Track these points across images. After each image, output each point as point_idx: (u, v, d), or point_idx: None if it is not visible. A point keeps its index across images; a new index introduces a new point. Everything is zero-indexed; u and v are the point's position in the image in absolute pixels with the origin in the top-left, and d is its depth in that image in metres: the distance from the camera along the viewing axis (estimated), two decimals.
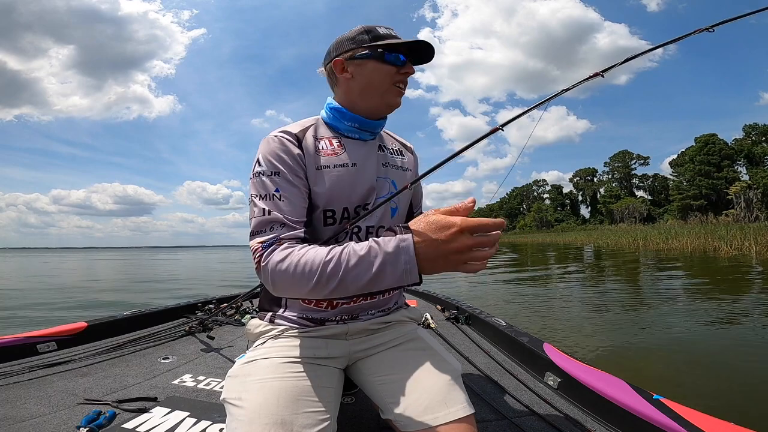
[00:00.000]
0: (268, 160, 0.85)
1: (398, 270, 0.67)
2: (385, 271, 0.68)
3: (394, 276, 0.68)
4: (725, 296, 5.29)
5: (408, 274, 0.67)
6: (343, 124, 0.95)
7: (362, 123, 0.95)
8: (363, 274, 0.69)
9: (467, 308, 2.23)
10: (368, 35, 0.90)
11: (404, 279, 0.68)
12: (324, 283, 0.71)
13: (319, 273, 0.71)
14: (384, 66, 0.89)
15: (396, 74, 0.91)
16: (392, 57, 0.89)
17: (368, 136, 0.97)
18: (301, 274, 0.72)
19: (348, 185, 0.90)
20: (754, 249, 12.67)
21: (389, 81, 0.91)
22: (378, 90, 0.91)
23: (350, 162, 0.92)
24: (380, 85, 0.91)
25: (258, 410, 0.73)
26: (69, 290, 9.11)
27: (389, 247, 0.68)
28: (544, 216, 76.30)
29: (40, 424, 1.05)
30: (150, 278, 12.20)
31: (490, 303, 5.65)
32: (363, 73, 0.90)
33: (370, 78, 0.90)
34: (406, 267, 0.67)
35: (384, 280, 0.68)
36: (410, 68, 0.92)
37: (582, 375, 1.19)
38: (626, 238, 23.35)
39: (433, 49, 0.91)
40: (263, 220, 0.81)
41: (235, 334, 2.07)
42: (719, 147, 53.64)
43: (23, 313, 5.70)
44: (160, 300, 6.33)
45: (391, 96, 0.93)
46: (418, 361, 0.91)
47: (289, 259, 0.74)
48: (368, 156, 0.95)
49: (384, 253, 0.68)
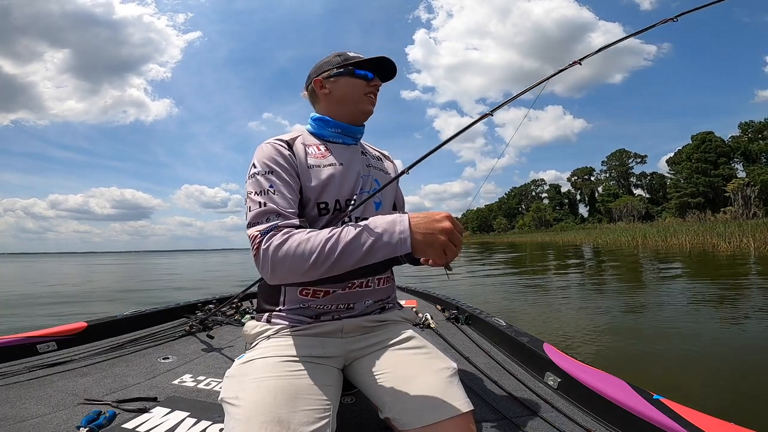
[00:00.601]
0: (263, 162, 0.95)
1: (394, 238, 0.76)
2: (381, 239, 0.76)
3: (390, 245, 0.76)
4: (725, 294, 5.31)
5: (402, 243, 0.76)
6: (327, 131, 1.08)
7: (344, 128, 1.08)
8: (360, 246, 0.77)
9: (467, 308, 2.23)
10: (340, 58, 1.06)
11: (398, 248, 0.76)
12: (323, 260, 0.77)
13: (319, 249, 0.77)
14: (355, 80, 1.05)
15: (366, 86, 1.06)
16: (361, 73, 1.05)
17: (350, 140, 1.10)
18: (301, 253, 0.78)
19: (337, 180, 1.00)
20: (752, 246, 12.73)
21: (360, 92, 1.06)
22: (352, 100, 1.06)
23: (337, 162, 1.03)
24: (353, 95, 1.06)
25: (255, 408, 0.74)
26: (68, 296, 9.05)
27: (387, 219, 0.79)
28: (542, 215, 76.43)
29: (40, 424, 1.05)
30: (150, 285, 12.11)
31: (490, 301, 5.67)
32: (338, 87, 1.06)
33: (344, 91, 1.05)
34: (401, 236, 0.76)
35: (380, 249, 0.76)
36: (377, 81, 1.07)
37: (582, 375, 1.19)
38: (625, 236, 23.41)
39: (395, 66, 1.08)
40: (259, 211, 0.88)
41: (235, 334, 2.06)
42: (716, 145, 53.78)
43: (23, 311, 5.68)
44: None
45: (364, 104, 1.07)
46: (415, 360, 0.93)
47: (289, 241, 0.80)
48: (352, 157, 1.07)
49: (381, 223, 0.78)
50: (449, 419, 0.78)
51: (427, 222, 0.76)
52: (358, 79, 1.05)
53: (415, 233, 0.76)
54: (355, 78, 1.04)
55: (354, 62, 1.05)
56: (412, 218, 0.78)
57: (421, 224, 0.76)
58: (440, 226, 0.75)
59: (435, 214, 0.77)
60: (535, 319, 4.46)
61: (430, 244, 0.75)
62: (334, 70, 1.05)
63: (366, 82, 1.05)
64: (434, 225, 0.76)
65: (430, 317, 2.07)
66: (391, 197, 1.17)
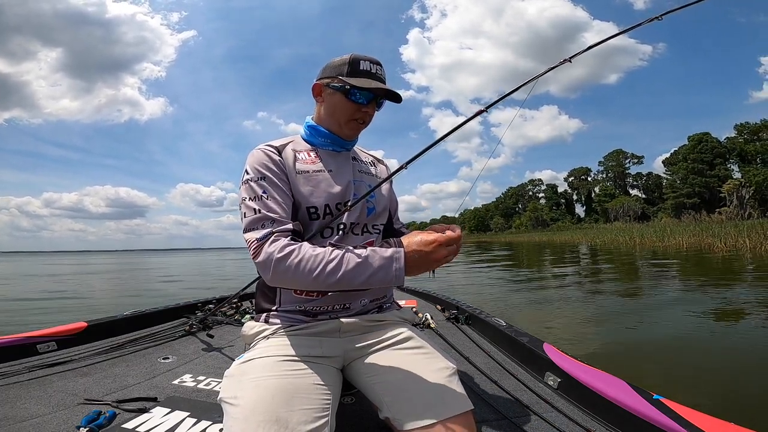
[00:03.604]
0: (255, 168, 0.98)
1: (389, 275, 0.82)
2: (377, 274, 0.83)
3: (385, 280, 0.83)
4: (724, 294, 5.32)
5: (397, 278, 0.83)
6: (317, 139, 1.09)
7: (333, 139, 1.08)
8: (359, 276, 0.82)
9: (467, 308, 2.23)
10: (349, 68, 1.01)
11: (393, 282, 0.84)
12: (322, 280, 0.83)
13: (319, 270, 0.82)
14: (348, 102, 1.02)
15: (356, 111, 1.03)
16: (357, 96, 1.02)
17: (340, 148, 1.11)
18: (302, 270, 0.83)
19: (326, 186, 1.02)
20: (748, 246, 12.81)
21: (348, 116, 1.04)
22: (338, 120, 1.05)
23: (326, 168, 1.05)
24: (341, 116, 1.05)
25: (253, 408, 0.74)
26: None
27: (385, 255, 0.83)
28: (539, 215, 76.51)
29: (40, 424, 1.05)
30: (148, 286, 12.05)
31: (489, 300, 5.68)
32: (331, 102, 1.05)
33: (334, 108, 1.05)
34: (396, 273, 0.82)
35: (376, 282, 0.83)
36: (371, 109, 1.05)
37: (582, 375, 1.20)
38: (622, 236, 23.47)
39: (400, 97, 1.05)
40: (254, 218, 0.92)
41: (235, 334, 2.06)
42: (712, 145, 53.93)
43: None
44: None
45: (347, 129, 1.06)
46: (414, 360, 0.94)
47: (291, 256, 0.84)
48: (342, 164, 1.09)
49: (380, 258, 0.83)
50: (449, 418, 0.78)
51: (422, 255, 0.83)
52: (350, 102, 1.02)
53: (410, 269, 0.84)
54: (348, 101, 1.02)
55: (354, 85, 1.00)
56: (408, 252, 0.84)
57: (416, 259, 0.83)
58: (434, 257, 0.83)
59: (429, 245, 0.84)
60: (535, 319, 4.47)
61: (423, 271, 0.86)
62: (335, 81, 1.02)
63: (358, 107, 1.03)
64: (428, 257, 0.83)
65: (430, 317, 2.08)
66: (385, 204, 1.17)
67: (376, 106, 1.06)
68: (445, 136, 1.08)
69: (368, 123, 1.08)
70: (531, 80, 1.08)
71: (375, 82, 1.01)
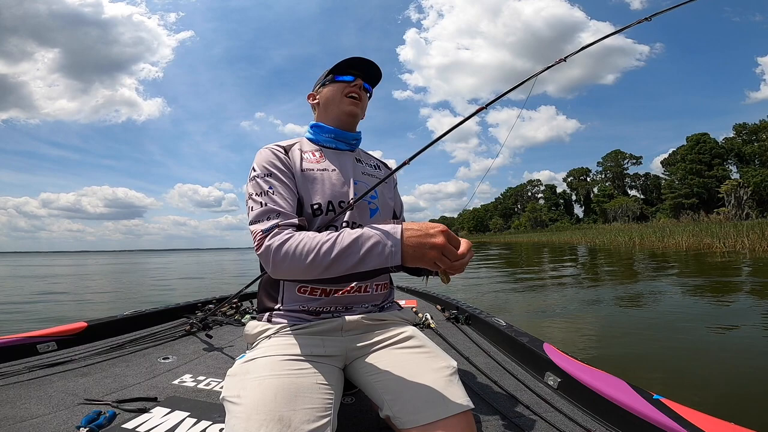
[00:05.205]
0: (262, 166, 1.02)
1: (385, 251, 0.78)
2: (373, 250, 0.79)
3: (381, 256, 0.78)
4: (724, 294, 5.33)
5: (392, 256, 0.78)
6: (322, 136, 1.15)
7: (338, 134, 1.14)
8: (354, 253, 0.80)
9: (467, 308, 2.24)
10: (333, 68, 1.15)
11: (388, 260, 0.78)
12: (319, 261, 0.81)
13: (315, 251, 0.81)
14: (336, 84, 1.14)
15: (346, 87, 1.13)
16: (341, 77, 1.14)
17: (344, 146, 1.16)
18: (299, 253, 0.83)
19: (329, 183, 1.06)
20: (747, 246, 12.84)
21: (341, 93, 1.13)
22: (334, 102, 1.13)
23: (330, 167, 1.09)
24: (334, 98, 1.13)
25: (255, 406, 0.74)
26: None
27: (380, 230, 0.80)
28: (538, 216, 76.59)
29: (40, 424, 1.05)
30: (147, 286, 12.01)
31: (490, 300, 5.68)
32: (324, 94, 1.15)
33: (327, 96, 1.14)
34: (392, 249, 0.78)
35: (371, 259, 0.79)
36: (358, 82, 1.14)
37: (582, 375, 1.20)
38: (622, 236, 23.47)
39: (376, 65, 1.15)
40: (261, 211, 0.93)
41: (235, 334, 2.06)
42: (710, 146, 54.00)
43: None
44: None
45: (345, 104, 1.13)
46: (415, 359, 0.94)
47: (289, 241, 0.85)
48: (345, 162, 1.13)
49: (375, 234, 0.80)
50: (449, 417, 0.79)
51: (420, 236, 0.77)
52: (338, 83, 1.13)
53: (406, 246, 0.77)
54: (336, 83, 1.14)
55: (334, 69, 1.14)
56: (406, 230, 0.78)
57: (413, 238, 0.77)
58: (432, 241, 0.76)
59: (430, 228, 0.77)
60: (536, 319, 4.47)
61: (420, 258, 0.77)
62: (321, 81, 1.17)
63: (346, 84, 1.13)
64: (426, 240, 0.76)
65: (430, 317, 2.08)
66: (389, 204, 1.19)
67: (363, 89, 1.15)
68: (446, 132, 1.12)
69: (363, 102, 1.15)
70: (528, 79, 1.11)
71: (354, 60, 1.13)
